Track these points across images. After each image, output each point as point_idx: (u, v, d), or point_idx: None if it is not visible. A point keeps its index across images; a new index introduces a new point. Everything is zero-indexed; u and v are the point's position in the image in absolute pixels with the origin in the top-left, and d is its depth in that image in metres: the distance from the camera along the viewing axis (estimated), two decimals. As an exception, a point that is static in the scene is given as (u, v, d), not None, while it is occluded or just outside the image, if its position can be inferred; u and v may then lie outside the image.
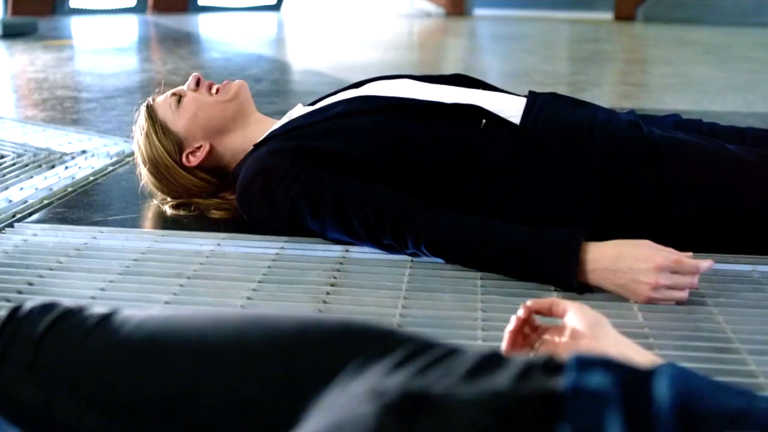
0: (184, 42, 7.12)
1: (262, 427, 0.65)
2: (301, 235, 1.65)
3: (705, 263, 1.37)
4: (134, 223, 1.81)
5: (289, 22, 9.98)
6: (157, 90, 1.90)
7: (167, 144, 1.83)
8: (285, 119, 1.83)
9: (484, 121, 1.66)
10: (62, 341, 0.80)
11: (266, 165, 1.66)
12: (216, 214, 1.83)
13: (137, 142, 1.86)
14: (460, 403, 0.56)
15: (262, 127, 1.84)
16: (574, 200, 1.61)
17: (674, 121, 1.91)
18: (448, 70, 5.09)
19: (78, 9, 9.99)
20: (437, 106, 1.69)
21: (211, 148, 1.83)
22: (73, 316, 0.82)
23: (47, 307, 0.84)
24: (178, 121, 1.83)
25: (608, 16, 10.42)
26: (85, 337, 0.79)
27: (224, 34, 8.29)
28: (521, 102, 1.72)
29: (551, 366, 0.61)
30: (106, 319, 0.81)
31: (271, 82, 4.49)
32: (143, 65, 5.51)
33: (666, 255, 1.36)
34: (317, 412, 0.60)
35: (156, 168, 1.84)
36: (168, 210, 1.84)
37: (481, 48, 7.64)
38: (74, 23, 8.85)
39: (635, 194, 1.59)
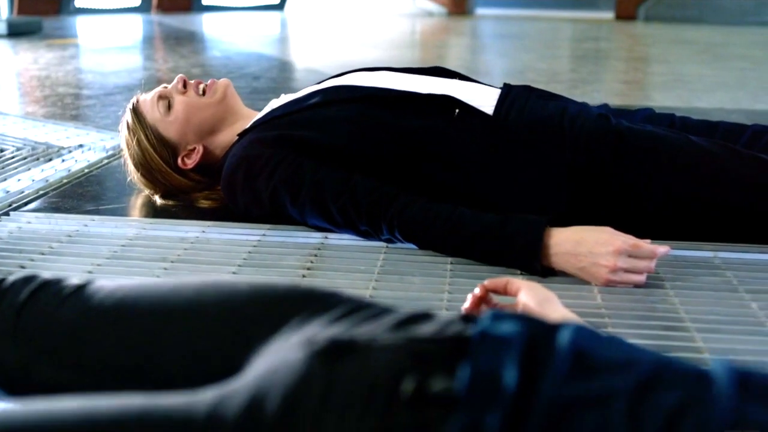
0: (186, 41, 7.20)
1: (215, 377, 0.73)
2: (283, 222, 1.72)
3: (662, 248, 1.44)
4: (125, 212, 1.88)
5: (291, 21, 10.05)
6: (138, 91, 1.95)
7: (161, 150, 1.87)
8: (267, 108, 1.90)
9: (457, 110, 1.73)
10: (40, 309, 0.87)
11: (248, 154, 1.73)
12: (204, 203, 1.90)
13: (127, 144, 1.90)
14: (381, 347, 0.63)
15: (249, 121, 1.91)
16: (543, 188, 1.68)
17: (647, 114, 1.98)
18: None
19: (83, 9, 10.08)
20: (412, 96, 1.76)
21: (204, 149, 1.90)
22: (51, 286, 0.90)
23: (28, 279, 0.91)
24: (170, 126, 1.87)
25: (610, 15, 10.46)
26: (61, 305, 0.87)
27: (226, 33, 8.37)
28: (496, 93, 1.79)
29: (469, 318, 0.68)
30: (81, 288, 0.88)
31: (269, 79, 4.56)
32: (145, 63, 5.59)
33: (624, 239, 1.44)
34: (259, 360, 0.68)
35: (150, 173, 1.89)
36: (158, 200, 1.91)
37: (480, 46, 7.69)
38: (79, 23, 8.94)
39: (602, 183, 1.66)
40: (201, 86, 1.90)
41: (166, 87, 1.91)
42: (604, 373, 0.61)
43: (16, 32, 6.84)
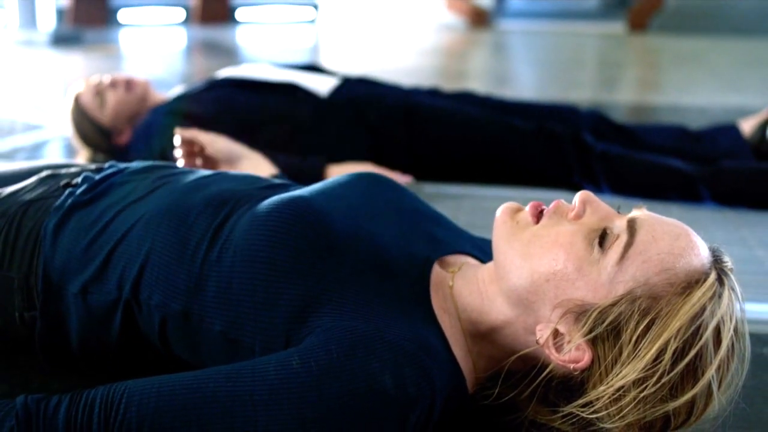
0: (211, 50, 7.92)
1: None
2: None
3: (404, 178, 2.04)
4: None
5: (321, 34, 10.76)
6: (81, 81, 2.64)
7: (101, 134, 2.57)
8: (173, 93, 2.57)
9: (299, 94, 2.39)
10: None
11: (148, 121, 2.41)
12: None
13: (76, 129, 2.58)
14: (72, 173, 1.27)
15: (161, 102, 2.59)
16: (352, 146, 2.31)
17: (464, 95, 2.60)
18: (457, 75, 5.81)
19: (130, 23, 10.93)
20: (267, 83, 2.43)
21: (132, 128, 2.57)
22: None
23: None
24: (105, 117, 2.56)
25: (623, 26, 10.91)
26: None
27: (253, 43, 9.10)
28: (334, 82, 2.45)
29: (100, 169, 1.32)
30: None
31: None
32: (156, 68, 6.32)
33: (378, 171, 2.04)
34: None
35: (94, 148, 2.60)
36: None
37: (502, 55, 8.24)
38: (121, 34, 9.78)
39: (393, 141, 2.29)
40: (126, 84, 2.56)
41: (101, 83, 2.58)
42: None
43: (58, 41, 7.69)
